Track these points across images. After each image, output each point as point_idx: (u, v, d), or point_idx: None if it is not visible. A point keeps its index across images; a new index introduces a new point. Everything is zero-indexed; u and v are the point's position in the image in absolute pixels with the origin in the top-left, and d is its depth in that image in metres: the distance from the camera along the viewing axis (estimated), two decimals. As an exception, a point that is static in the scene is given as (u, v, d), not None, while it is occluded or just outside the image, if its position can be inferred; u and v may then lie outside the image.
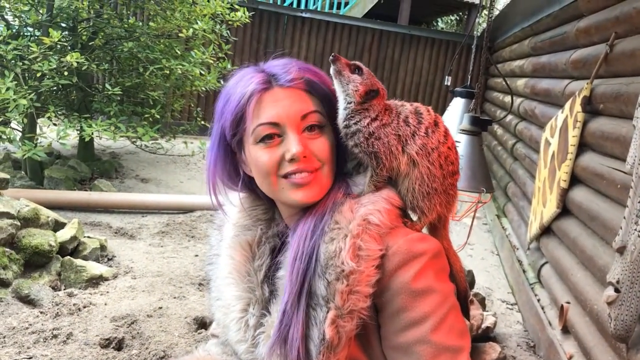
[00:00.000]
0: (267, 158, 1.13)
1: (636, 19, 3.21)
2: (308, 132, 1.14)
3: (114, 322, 3.38)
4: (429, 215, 1.14)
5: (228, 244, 1.26)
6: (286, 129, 1.12)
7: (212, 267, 1.31)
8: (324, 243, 1.08)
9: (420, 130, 1.13)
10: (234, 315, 1.19)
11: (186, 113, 8.79)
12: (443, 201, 1.15)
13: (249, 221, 1.28)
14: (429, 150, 1.12)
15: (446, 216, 1.20)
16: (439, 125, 1.15)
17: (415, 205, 1.14)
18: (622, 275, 2.42)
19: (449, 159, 1.14)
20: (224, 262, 1.25)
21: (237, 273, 1.22)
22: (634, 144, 2.48)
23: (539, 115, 5.30)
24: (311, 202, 1.14)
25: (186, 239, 5.10)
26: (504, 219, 6.23)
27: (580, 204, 3.53)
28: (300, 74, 1.15)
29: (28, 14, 5.93)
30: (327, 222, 1.10)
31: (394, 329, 1.07)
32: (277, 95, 1.13)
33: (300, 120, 1.13)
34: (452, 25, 18.54)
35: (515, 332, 4.03)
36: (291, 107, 1.12)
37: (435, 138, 1.13)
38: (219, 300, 1.25)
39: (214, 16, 6.66)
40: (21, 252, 3.77)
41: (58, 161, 6.67)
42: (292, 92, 1.13)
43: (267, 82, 1.14)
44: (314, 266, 1.08)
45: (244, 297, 1.19)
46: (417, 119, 1.14)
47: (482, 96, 9.72)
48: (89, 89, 6.32)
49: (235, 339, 1.19)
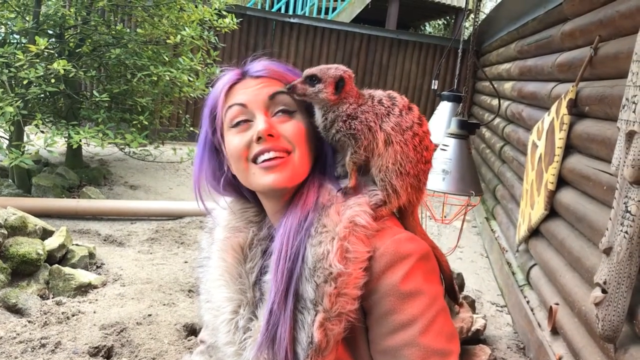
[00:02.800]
0: (238, 141, 1.16)
1: (619, 22, 3.25)
2: (278, 116, 1.16)
3: (103, 330, 3.36)
4: (401, 195, 1.13)
5: (219, 246, 1.25)
6: (254, 111, 1.15)
7: (203, 269, 1.31)
8: (311, 246, 1.07)
9: (395, 110, 1.14)
10: (225, 317, 1.18)
11: (175, 119, 8.77)
12: (414, 185, 1.15)
13: (241, 223, 1.28)
14: (403, 128, 1.13)
15: (415, 203, 1.19)
16: (413, 109, 1.16)
17: (386, 183, 1.12)
18: (609, 276, 2.44)
19: (424, 142, 1.15)
20: (215, 264, 1.24)
21: (229, 275, 1.21)
22: (619, 145, 2.51)
23: (526, 118, 5.34)
24: (282, 186, 1.14)
25: (175, 245, 5.08)
26: (493, 222, 6.26)
27: (568, 206, 3.55)
28: (272, 66, 1.20)
29: (14, 21, 5.89)
30: (312, 224, 1.10)
31: (382, 332, 1.06)
32: (248, 84, 1.18)
33: (269, 100, 1.16)
34: (439, 29, 18.65)
35: (505, 334, 4.05)
36: (259, 90, 1.16)
37: (409, 118, 1.14)
38: (209, 302, 1.24)
39: (202, 22, 6.65)
40: (8, 261, 3.73)
41: (46, 169, 6.62)
42: (262, 80, 1.18)
43: (239, 74, 1.20)
44: (301, 269, 1.07)
45: (235, 299, 1.19)
46: (390, 101, 1.15)
47: (470, 100, 9.80)
48: (77, 96, 6.29)
49: (224, 341, 1.18)
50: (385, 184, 1.13)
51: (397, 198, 1.13)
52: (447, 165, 2.83)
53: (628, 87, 2.48)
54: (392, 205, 1.14)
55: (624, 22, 3.19)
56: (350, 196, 1.12)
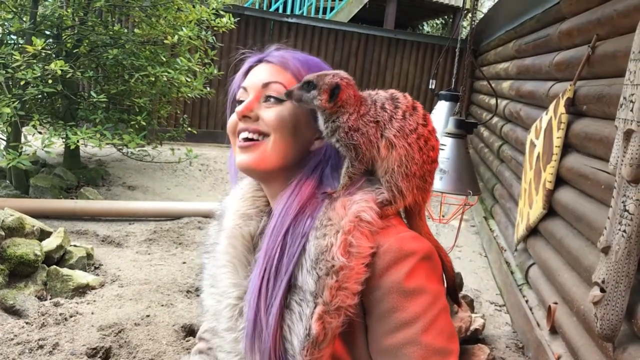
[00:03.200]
0: (232, 118, 1.23)
1: (617, 21, 3.25)
2: (267, 102, 1.20)
3: (101, 331, 3.35)
4: (407, 197, 1.13)
5: (229, 233, 1.25)
6: (250, 94, 1.21)
7: (209, 255, 1.30)
8: (315, 238, 1.08)
9: (398, 114, 1.12)
10: (229, 301, 1.18)
11: (172, 120, 8.76)
12: (420, 186, 1.14)
13: (252, 210, 1.28)
14: (406, 132, 1.11)
15: (422, 204, 1.19)
16: (417, 109, 1.15)
17: (392, 185, 1.12)
18: (607, 275, 2.44)
19: (430, 142, 1.13)
20: (223, 250, 1.24)
21: (238, 261, 1.21)
22: (617, 144, 2.51)
23: (524, 117, 5.34)
24: (246, 167, 1.18)
25: (174, 246, 5.08)
26: (492, 221, 6.26)
27: (566, 205, 3.55)
28: (287, 56, 1.25)
29: (11, 21, 5.88)
30: (308, 216, 1.12)
31: (384, 330, 1.05)
32: (259, 69, 1.24)
33: (261, 88, 1.20)
34: (437, 28, 18.66)
35: (504, 333, 4.05)
36: (259, 75, 1.22)
37: (413, 120, 1.12)
38: (213, 287, 1.24)
39: (200, 22, 6.65)
40: (6, 262, 3.73)
41: (44, 169, 6.61)
42: (270, 66, 1.23)
43: (257, 60, 1.27)
44: (302, 260, 1.08)
45: (242, 285, 1.18)
46: (393, 104, 1.13)
47: (468, 99, 9.80)
48: (74, 96, 6.28)
49: (225, 326, 1.18)
50: (390, 186, 1.12)
51: (402, 199, 1.13)
52: (444, 164, 2.83)
53: (626, 86, 2.48)
54: (397, 206, 1.14)
55: (621, 21, 3.19)
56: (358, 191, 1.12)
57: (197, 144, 7.06)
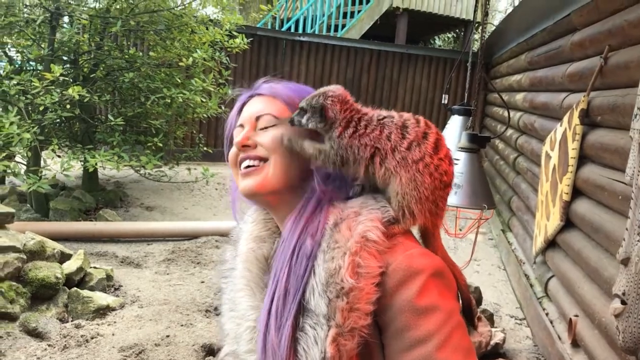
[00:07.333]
0: (231, 151, 1.26)
1: (628, 31, 3.25)
2: (261, 130, 1.24)
3: (122, 352, 3.38)
4: (418, 219, 1.13)
5: (245, 257, 1.28)
6: (245, 129, 1.24)
7: (227, 280, 1.33)
8: (324, 262, 1.08)
9: (402, 145, 1.12)
10: (248, 324, 1.19)
11: (188, 140, 8.86)
12: (432, 210, 1.14)
13: (265, 233, 1.31)
14: (409, 162, 1.11)
15: (434, 227, 1.18)
16: (428, 137, 1.13)
17: (404, 207, 1.12)
18: (628, 287, 2.42)
19: (440, 168, 1.12)
20: (240, 274, 1.26)
21: (255, 284, 1.23)
22: (632, 155, 2.50)
23: (538, 128, 5.32)
24: (252, 191, 1.20)
25: (192, 265, 5.11)
26: (509, 234, 6.21)
27: (583, 216, 3.53)
28: (277, 86, 1.28)
29: (30, 49, 6.02)
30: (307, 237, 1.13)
31: (399, 348, 1.06)
32: (252, 103, 1.27)
33: (255, 121, 1.23)
34: (449, 42, 18.68)
35: (525, 347, 4.00)
36: (252, 109, 1.25)
37: (419, 150, 1.11)
38: (232, 311, 1.25)
39: (213, 44, 6.74)
40: (28, 285, 3.78)
41: (63, 192, 6.70)
42: (261, 98, 1.27)
43: (249, 96, 1.30)
44: (312, 284, 1.09)
45: (260, 308, 1.19)
46: (400, 134, 1.13)
47: (482, 111, 9.79)
48: (92, 120, 6.39)
49: (245, 349, 1.19)
50: (403, 208, 1.12)
51: (413, 220, 1.13)
52: (458, 179, 2.84)
53: (639, 96, 2.48)
54: (405, 226, 1.13)
55: (633, 31, 3.19)
56: (363, 210, 1.13)
57: (213, 163, 7.10)
